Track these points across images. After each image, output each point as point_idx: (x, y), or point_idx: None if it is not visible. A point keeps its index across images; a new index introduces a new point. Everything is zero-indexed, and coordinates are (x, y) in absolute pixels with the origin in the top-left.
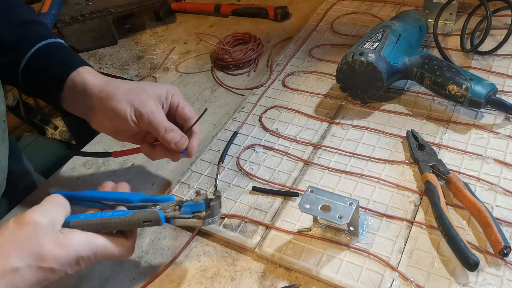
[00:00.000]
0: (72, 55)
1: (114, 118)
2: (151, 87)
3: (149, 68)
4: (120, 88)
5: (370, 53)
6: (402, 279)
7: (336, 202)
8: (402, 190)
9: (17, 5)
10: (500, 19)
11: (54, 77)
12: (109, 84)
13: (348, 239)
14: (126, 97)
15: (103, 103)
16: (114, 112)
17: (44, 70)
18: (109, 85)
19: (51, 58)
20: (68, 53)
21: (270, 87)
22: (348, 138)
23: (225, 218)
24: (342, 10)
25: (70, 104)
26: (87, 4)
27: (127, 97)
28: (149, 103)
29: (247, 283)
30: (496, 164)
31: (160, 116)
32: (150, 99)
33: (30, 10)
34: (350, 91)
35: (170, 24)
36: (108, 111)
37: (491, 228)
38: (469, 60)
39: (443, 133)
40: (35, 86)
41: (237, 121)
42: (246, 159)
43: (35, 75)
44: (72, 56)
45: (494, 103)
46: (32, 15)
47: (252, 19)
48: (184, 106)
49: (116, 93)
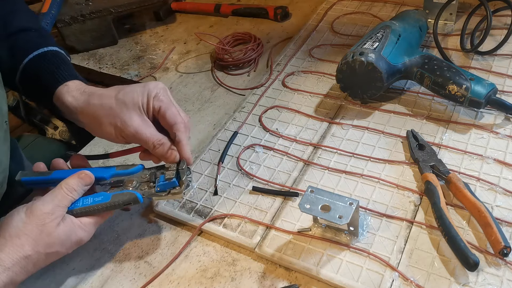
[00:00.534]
0: (60, 67)
1: (103, 137)
2: (130, 96)
3: (149, 68)
4: (101, 109)
5: (370, 53)
6: (402, 279)
7: (336, 202)
8: (402, 190)
9: (14, 12)
10: (500, 19)
11: (44, 90)
12: (89, 104)
13: (348, 239)
14: (108, 119)
15: (89, 126)
16: (102, 134)
17: (36, 82)
18: (89, 107)
19: (41, 70)
20: (57, 64)
21: (270, 87)
22: (348, 138)
23: (225, 218)
24: (342, 10)
25: (65, 114)
26: (87, 4)
27: (110, 120)
28: (132, 120)
29: (247, 283)
30: (496, 164)
31: (145, 131)
32: (132, 114)
33: (29, 16)
34: (350, 91)
35: (170, 24)
36: (95, 132)
37: (491, 228)
38: (469, 60)
39: (443, 133)
40: (32, 96)
41: (237, 121)
42: (246, 159)
43: (29, 87)
44: (61, 67)
45: (494, 103)
46: (28, 21)
47: (252, 19)
48: (165, 111)
49: (98, 116)
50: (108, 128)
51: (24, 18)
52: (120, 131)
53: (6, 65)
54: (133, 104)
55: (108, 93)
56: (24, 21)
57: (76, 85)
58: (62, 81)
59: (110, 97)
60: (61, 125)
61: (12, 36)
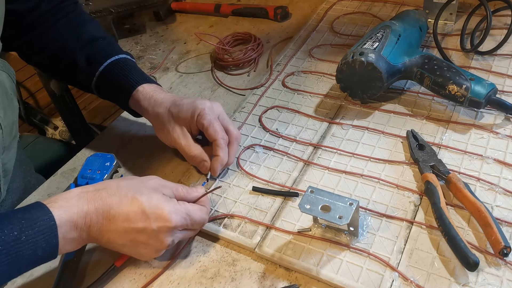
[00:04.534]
0: (131, 73)
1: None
2: (178, 110)
3: (149, 68)
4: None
5: (370, 53)
6: (402, 279)
7: (336, 202)
8: (402, 190)
9: (83, 23)
10: (500, 19)
11: (118, 94)
12: (149, 111)
13: (348, 239)
14: (160, 126)
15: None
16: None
17: (112, 87)
18: (150, 113)
19: (115, 77)
20: (128, 70)
21: (270, 87)
22: (348, 138)
23: (225, 218)
24: (342, 10)
25: (138, 114)
26: (87, 4)
27: (161, 126)
28: (174, 131)
29: (247, 283)
30: (496, 164)
31: (181, 142)
32: (175, 126)
33: (95, 25)
34: (350, 91)
35: (170, 24)
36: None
37: (491, 228)
38: (469, 60)
39: (443, 133)
40: (105, 98)
41: (237, 121)
42: (246, 159)
43: (105, 90)
44: (131, 73)
45: (494, 103)
46: (97, 30)
47: (252, 19)
48: (207, 128)
49: (154, 122)
50: (160, 132)
51: (92, 28)
52: (165, 137)
53: (84, 71)
54: (178, 118)
55: (165, 104)
56: (93, 31)
57: (145, 89)
58: (134, 85)
59: (165, 108)
60: (61, 125)
61: (86, 46)
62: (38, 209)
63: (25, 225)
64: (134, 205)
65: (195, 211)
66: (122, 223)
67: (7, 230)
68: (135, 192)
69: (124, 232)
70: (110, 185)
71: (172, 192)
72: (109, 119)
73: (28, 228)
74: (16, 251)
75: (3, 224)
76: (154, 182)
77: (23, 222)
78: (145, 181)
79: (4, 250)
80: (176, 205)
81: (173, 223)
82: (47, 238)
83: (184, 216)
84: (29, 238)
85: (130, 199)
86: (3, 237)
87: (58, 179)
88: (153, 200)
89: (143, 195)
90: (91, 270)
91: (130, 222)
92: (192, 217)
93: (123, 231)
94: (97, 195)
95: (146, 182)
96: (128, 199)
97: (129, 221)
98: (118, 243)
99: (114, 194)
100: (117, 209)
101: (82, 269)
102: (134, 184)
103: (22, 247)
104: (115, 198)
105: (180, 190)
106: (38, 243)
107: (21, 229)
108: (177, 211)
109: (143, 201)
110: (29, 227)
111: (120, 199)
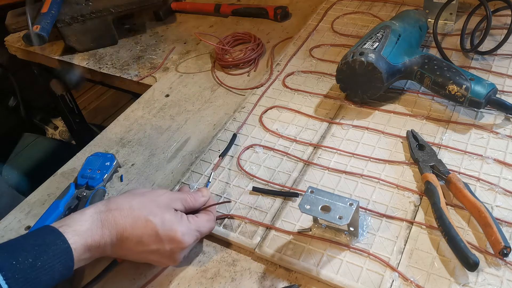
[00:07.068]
0: None
1: None
2: None
3: (149, 68)
4: None
5: (370, 53)
6: (402, 279)
7: (336, 202)
8: (402, 190)
9: None
10: (500, 19)
11: None
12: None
13: (348, 239)
14: None
15: None
16: None
17: None
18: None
19: None
20: None
21: (270, 87)
22: (348, 138)
23: (225, 219)
24: (342, 10)
25: None
26: (87, 4)
27: None
28: None
29: (247, 283)
30: (496, 164)
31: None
32: None
33: None
34: (350, 91)
35: (170, 24)
36: None
37: (491, 228)
38: (469, 60)
39: (443, 133)
40: None
41: (237, 121)
42: (246, 159)
43: None
44: None
45: (494, 103)
46: None
47: (252, 19)
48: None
49: None
50: None
51: None
52: None
53: None
54: None
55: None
56: None
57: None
58: None
59: None
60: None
61: None
62: (50, 233)
63: (38, 251)
64: (148, 227)
65: (204, 223)
66: (135, 245)
67: (21, 258)
68: (148, 214)
69: (137, 253)
70: (122, 205)
71: (182, 204)
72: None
73: (43, 254)
74: (33, 277)
75: (17, 252)
76: (165, 198)
77: (36, 248)
78: (156, 197)
79: (21, 278)
80: (187, 223)
81: (186, 244)
82: (63, 261)
83: (195, 234)
84: (44, 263)
85: (144, 222)
86: (18, 265)
87: (58, 179)
88: (166, 222)
89: (156, 216)
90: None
91: (143, 245)
92: (201, 232)
93: (137, 252)
94: (110, 217)
95: (157, 199)
96: (142, 221)
97: (143, 244)
98: (130, 259)
99: (128, 216)
100: (131, 232)
101: None
102: (146, 203)
103: (39, 273)
104: (129, 220)
105: (188, 200)
106: (55, 267)
107: (35, 256)
108: (189, 231)
109: (156, 224)
110: (43, 253)
111: (134, 221)
